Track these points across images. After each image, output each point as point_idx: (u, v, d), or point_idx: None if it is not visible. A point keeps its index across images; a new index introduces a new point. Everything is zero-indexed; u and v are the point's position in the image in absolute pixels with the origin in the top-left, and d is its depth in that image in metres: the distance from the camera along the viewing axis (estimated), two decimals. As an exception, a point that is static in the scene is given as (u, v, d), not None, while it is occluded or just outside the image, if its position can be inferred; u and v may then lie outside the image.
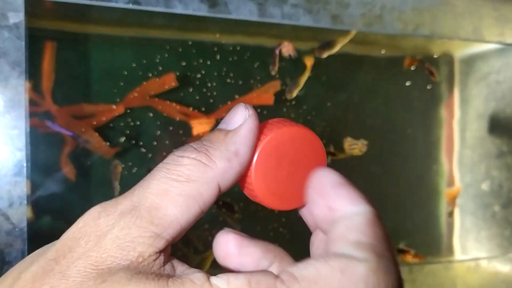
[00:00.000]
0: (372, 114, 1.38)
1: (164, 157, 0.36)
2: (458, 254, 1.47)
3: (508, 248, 1.41)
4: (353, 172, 1.33)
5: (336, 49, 1.18)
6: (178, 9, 0.98)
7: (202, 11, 0.99)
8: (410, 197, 1.43)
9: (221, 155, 0.34)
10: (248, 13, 1.03)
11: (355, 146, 1.25)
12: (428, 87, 1.45)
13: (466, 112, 1.48)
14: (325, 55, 1.20)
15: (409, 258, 1.28)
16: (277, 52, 1.19)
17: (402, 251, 1.28)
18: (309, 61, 1.24)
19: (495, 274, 1.41)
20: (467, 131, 1.48)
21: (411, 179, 1.43)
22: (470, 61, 1.46)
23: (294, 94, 1.23)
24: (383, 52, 1.37)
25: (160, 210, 0.32)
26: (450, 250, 1.47)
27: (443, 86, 1.47)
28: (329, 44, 1.17)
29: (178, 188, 0.33)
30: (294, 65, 1.26)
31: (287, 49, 1.18)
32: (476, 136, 1.46)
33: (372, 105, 1.38)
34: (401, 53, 1.40)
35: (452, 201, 1.42)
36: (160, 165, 0.36)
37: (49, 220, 1.06)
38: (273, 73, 1.23)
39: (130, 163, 1.15)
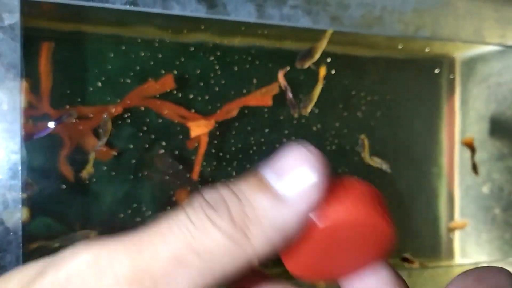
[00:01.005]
0: (372, 118, 1.37)
1: (161, 159, 0.34)
2: (458, 258, 1.46)
3: (508, 251, 1.40)
4: (350, 174, 1.32)
5: (317, 56, 1.14)
6: (176, 10, 0.96)
7: (200, 12, 0.98)
8: (410, 200, 1.42)
9: (263, 235, 0.26)
10: (246, 14, 1.01)
11: (378, 166, 1.24)
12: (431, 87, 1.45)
13: (467, 114, 1.47)
14: (307, 65, 1.16)
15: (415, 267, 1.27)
16: (290, 95, 1.16)
17: (407, 260, 1.27)
18: (321, 72, 1.21)
19: (496, 277, 1.40)
20: (468, 134, 1.47)
21: (410, 182, 1.42)
22: (471, 63, 1.45)
23: (309, 109, 1.19)
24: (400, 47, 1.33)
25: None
26: (450, 254, 1.46)
27: (444, 88, 1.46)
28: (308, 53, 1.13)
29: (198, 266, 0.26)
30: (304, 76, 1.24)
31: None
32: (477, 138, 1.45)
33: (372, 108, 1.37)
34: (400, 54, 1.39)
35: (455, 229, 1.41)
36: (181, 216, 0.27)
37: (45, 224, 1.05)
38: (296, 115, 1.19)
39: (127, 166, 1.14)
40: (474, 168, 1.36)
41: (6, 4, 0.88)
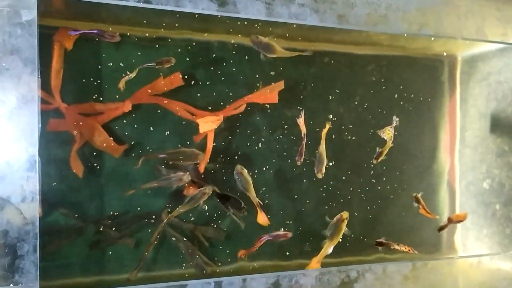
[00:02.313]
0: (375, 114, 1.39)
1: (170, 154, 0.36)
2: (459, 253, 1.48)
3: (509, 246, 1.43)
4: (355, 172, 1.35)
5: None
6: (188, 8, 0.99)
7: (211, 10, 1.01)
8: (412, 195, 1.44)
9: None
10: (256, 12, 1.04)
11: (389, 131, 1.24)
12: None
13: (468, 112, 1.50)
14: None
15: (395, 248, 1.22)
16: (304, 142, 1.19)
17: (381, 244, 1.25)
18: (324, 129, 1.23)
19: (497, 271, 1.43)
20: (469, 131, 1.50)
21: (412, 178, 1.44)
22: (472, 62, 1.48)
23: (323, 170, 1.21)
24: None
25: None
26: (451, 249, 1.48)
27: (445, 86, 1.49)
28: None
29: None
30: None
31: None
32: (477, 135, 1.48)
33: (375, 106, 1.39)
34: (403, 53, 1.41)
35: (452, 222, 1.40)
36: None
37: (60, 215, 1.07)
38: (298, 163, 1.22)
39: (137, 161, 1.16)
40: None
41: (24, 1, 0.91)
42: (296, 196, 1.29)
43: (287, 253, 1.25)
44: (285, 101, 1.26)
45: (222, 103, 1.23)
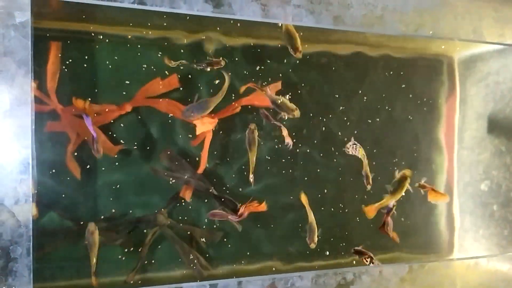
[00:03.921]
0: (374, 116, 1.38)
1: (168, 155, 0.36)
2: (456, 254, 1.48)
3: (506, 247, 1.43)
4: (352, 173, 1.35)
5: None
6: (183, 9, 0.99)
7: (207, 11, 1.00)
8: (409, 197, 1.44)
9: None
10: (251, 13, 1.04)
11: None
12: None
13: (465, 113, 1.49)
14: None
15: (366, 261, 1.25)
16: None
17: (360, 253, 1.27)
18: (304, 199, 1.26)
19: (494, 272, 1.42)
20: (466, 131, 1.50)
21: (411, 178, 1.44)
22: (470, 62, 1.47)
23: (315, 239, 1.23)
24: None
25: None
26: (449, 250, 1.48)
27: (443, 87, 1.48)
28: None
29: None
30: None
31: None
32: (475, 136, 1.48)
33: (375, 107, 1.39)
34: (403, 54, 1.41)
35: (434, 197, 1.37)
36: None
37: (54, 217, 1.06)
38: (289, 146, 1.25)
39: (134, 162, 1.16)
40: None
41: (17, 2, 0.90)
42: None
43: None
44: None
45: (218, 105, 1.22)
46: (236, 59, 1.23)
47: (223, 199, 1.18)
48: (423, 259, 1.39)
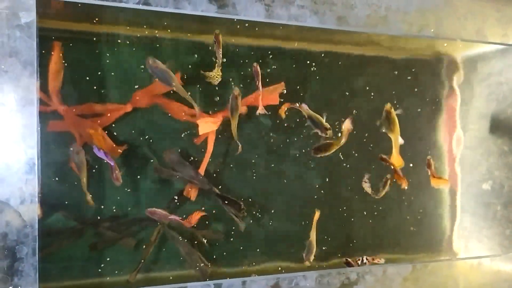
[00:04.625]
0: (376, 115, 1.39)
1: (170, 155, 0.36)
2: (459, 254, 1.48)
3: (509, 247, 1.43)
4: (353, 172, 1.35)
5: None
6: (187, 10, 0.99)
7: (211, 11, 1.01)
8: (411, 197, 1.44)
9: None
10: (255, 14, 1.04)
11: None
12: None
13: (468, 113, 1.49)
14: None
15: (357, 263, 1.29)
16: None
17: (349, 264, 1.29)
18: (315, 216, 1.28)
19: (497, 272, 1.42)
20: (469, 131, 1.50)
21: (412, 179, 1.44)
22: (472, 63, 1.48)
23: (311, 258, 1.25)
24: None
25: None
26: (451, 250, 1.48)
27: (446, 87, 1.49)
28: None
29: None
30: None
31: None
32: (478, 136, 1.48)
33: (377, 106, 1.39)
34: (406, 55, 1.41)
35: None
36: None
37: (59, 217, 1.07)
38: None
39: (137, 162, 1.16)
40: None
41: (22, 3, 0.90)
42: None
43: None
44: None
45: (221, 105, 1.23)
46: (246, 61, 1.23)
47: (227, 199, 1.18)
48: (426, 259, 1.39)
